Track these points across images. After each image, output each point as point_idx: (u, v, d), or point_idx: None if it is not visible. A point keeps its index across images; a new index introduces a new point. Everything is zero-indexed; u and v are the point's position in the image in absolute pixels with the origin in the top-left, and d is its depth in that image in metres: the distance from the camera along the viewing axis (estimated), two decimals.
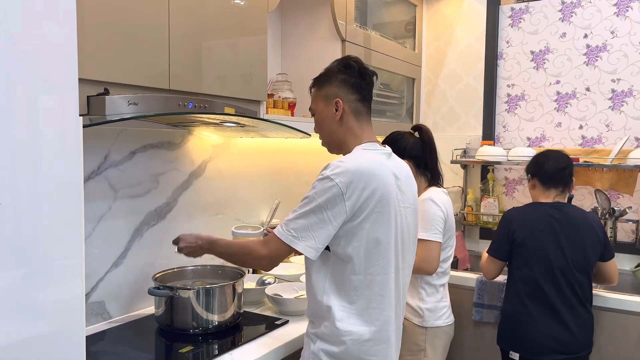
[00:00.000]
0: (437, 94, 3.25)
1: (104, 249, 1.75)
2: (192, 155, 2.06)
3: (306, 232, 1.34)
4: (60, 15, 0.95)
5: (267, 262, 1.43)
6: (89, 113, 1.29)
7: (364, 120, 1.49)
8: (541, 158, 2.15)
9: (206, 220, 2.13)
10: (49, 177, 0.94)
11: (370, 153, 1.43)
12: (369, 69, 1.50)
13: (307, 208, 1.35)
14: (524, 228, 2.04)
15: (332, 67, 1.51)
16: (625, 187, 2.70)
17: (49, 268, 0.95)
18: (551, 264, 1.98)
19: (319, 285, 1.41)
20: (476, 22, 3.10)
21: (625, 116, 2.73)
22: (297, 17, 2.50)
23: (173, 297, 1.63)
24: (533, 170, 2.15)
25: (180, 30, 1.54)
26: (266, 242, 1.42)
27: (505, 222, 2.11)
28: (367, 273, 1.38)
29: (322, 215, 1.33)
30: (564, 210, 2.05)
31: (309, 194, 1.36)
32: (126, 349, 1.58)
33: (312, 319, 1.47)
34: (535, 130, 2.97)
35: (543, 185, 2.11)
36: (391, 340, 1.44)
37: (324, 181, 1.34)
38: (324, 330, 1.40)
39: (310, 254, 1.35)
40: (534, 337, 1.99)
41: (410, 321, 1.97)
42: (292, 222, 1.36)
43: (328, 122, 1.49)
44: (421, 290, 1.97)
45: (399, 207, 1.43)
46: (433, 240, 1.91)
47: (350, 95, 1.46)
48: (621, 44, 2.71)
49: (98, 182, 1.72)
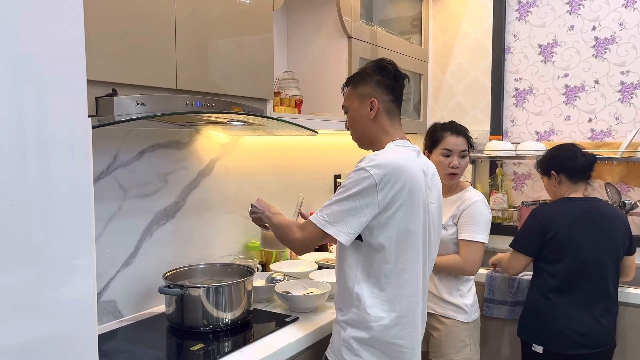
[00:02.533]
0: (444, 89, 3.24)
1: (115, 248, 1.76)
2: (200, 154, 2.07)
3: (339, 217, 1.41)
4: (68, 17, 0.95)
5: (299, 245, 1.51)
6: (98, 114, 1.30)
7: (395, 119, 1.57)
8: (564, 153, 2.12)
9: (215, 219, 2.14)
10: (59, 178, 0.95)
11: (402, 149, 1.51)
12: (403, 72, 1.58)
13: (341, 196, 1.42)
14: (557, 223, 2.02)
15: (368, 68, 1.59)
16: (635, 180, 2.68)
17: (60, 268, 0.96)
18: (585, 258, 1.98)
19: (351, 273, 1.48)
20: (483, 16, 3.08)
21: (635, 108, 2.70)
22: (302, 14, 2.50)
23: (183, 295, 1.64)
24: (557, 167, 2.11)
25: (187, 30, 1.55)
26: (303, 226, 1.50)
27: (535, 217, 2.08)
28: (397, 262, 1.46)
29: (355, 203, 1.40)
30: (596, 205, 2.06)
31: (345, 183, 1.44)
32: (138, 348, 1.59)
33: (341, 307, 1.53)
34: (543, 124, 2.95)
35: (571, 180, 2.09)
36: (418, 325, 1.53)
37: (360, 172, 1.41)
38: (353, 317, 1.47)
39: (342, 239, 1.42)
40: (560, 330, 1.99)
41: (454, 319, 1.96)
42: (326, 209, 1.44)
43: (362, 120, 1.56)
44: (461, 287, 1.98)
45: (426, 201, 1.51)
46: (481, 242, 1.93)
47: (384, 96, 1.54)
48: (630, 36, 2.69)
49: (107, 183, 1.73)
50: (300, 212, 1.84)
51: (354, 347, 1.47)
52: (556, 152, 2.16)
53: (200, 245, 2.08)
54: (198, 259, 2.05)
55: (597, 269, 1.99)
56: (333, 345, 1.54)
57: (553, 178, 2.13)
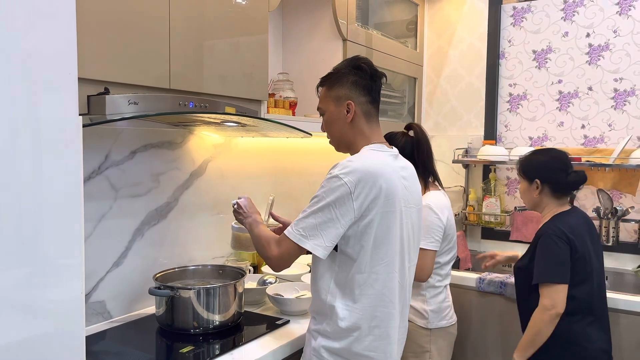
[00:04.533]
0: (438, 93, 3.25)
1: (105, 248, 1.75)
2: (192, 155, 2.06)
3: (315, 230, 1.35)
4: (60, 14, 0.95)
5: (275, 262, 1.44)
6: (89, 112, 1.29)
7: (373, 121, 1.51)
8: (555, 164, 1.94)
9: (207, 220, 2.13)
10: (49, 177, 0.94)
11: (377, 154, 1.45)
12: (379, 71, 1.51)
13: (315, 207, 1.36)
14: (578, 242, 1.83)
15: (342, 67, 1.50)
16: (627, 187, 2.69)
17: (49, 268, 0.95)
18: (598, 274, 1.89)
19: (324, 284, 1.44)
20: (478, 21, 3.09)
21: (628, 115, 2.72)
22: (298, 16, 2.50)
23: (174, 296, 1.63)
24: (543, 176, 1.94)
25: (181, 29, 1.54)
26: (279, 241, 1.43)
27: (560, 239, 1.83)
28: (371, 272, 1.40)
29: (330, 214, 1.34)
30: (586, 216, 1.97)
31: (317, 193, 1.38)
32: (127, 349, 1.58)
33: (315, 316, 1.49)
34: (537, 130, 2.96)
35: (554, 194, 1.94)
36: (392, 337, 1.46)
37: (333, 180, 1.35)
38: (326, 327, 1.43)
39: (319, 253, 1.36)
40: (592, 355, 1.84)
41: (415, 323, 1.95)
42: (301, 222, 1.38)
43: (339, 124, 1.50)
44: (424, 292, 1.97)
45: (404, 207, 1.45)
46: (429, 249, 1.90)
47: (361, 97, 1.48)
48: (624, 43, 2.70)
49: (99, 182, 1.72)
50: (271, 213, 1.79)
51: (324, 357, 1.42)
52: (546, 159, 1.98)
53: (191, 246, 2.06)
54: (189, 260, 2.04)
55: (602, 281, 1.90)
56: (305, 355, 1.50)
57: (535, 186, 1.96)
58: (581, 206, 2.81)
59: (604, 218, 2.64)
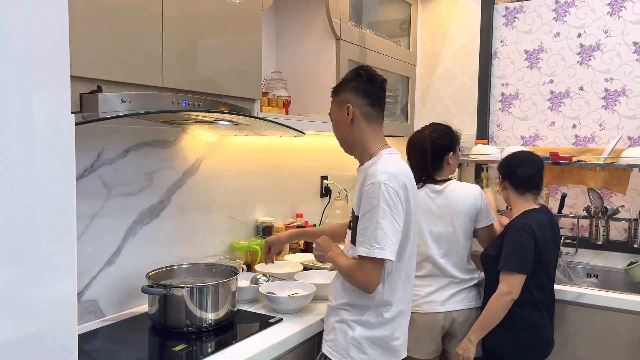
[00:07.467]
0: (431, 92, 3.26)
1: (98, 247, 1.74)
2: (186, 154, 2.05)
3: (386, 238, 1.47)
4: (52, 12, 0.94)
5: (364, 284, 1.52)
6: (82, 111, 1.29)
7: (375, 122, 1.62)
8: (512, 161, 2.10)
9: (200, 219, 2.13)
10: (40, 175, 0.94)
11: (397, 157, 1.61)
12: (378, 76, 1.63)
13: (378, 217, 1.47)
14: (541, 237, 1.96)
15: (347, 76, 1.66)
16: (618, 186, 2.72)
17: (41, 266, 0.95)
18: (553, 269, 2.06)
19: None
20: (471, 21, 3.10)
21: (618, 115, 2.74)
22: (291, 15, 2.50)
23: (167, 295, 1.62)
24: (503, 173, 2.10)
25: (174, 27, 1.54)
26: (359, 265, 1.51)
27: (527, 233, 1.94)
28: (400, 262, 1.57)
29: (391, 219, 1.48)
30: (551, 215, 2.10)
31: (373, 203, 1.48)
32: (119, 348, 1.57)
33: (348, 308, 1.59)
34: (529, 129, 2.98)
35: (515, 190, 2.06)
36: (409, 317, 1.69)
37: (381, 187, 1.48)
38: (368, 318, 1.57)
39: (393, 257, 1.49)
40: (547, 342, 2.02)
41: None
42: (372, 236, 1.47)
43: (341, 126, 1.64)
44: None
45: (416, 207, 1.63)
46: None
47: (360, 100, 1.59)
48: (614, 44, 2.73)
49: (91, 180, 1.71)
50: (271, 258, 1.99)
51: (364, 346, 1.56)
52: (509, 157, 2.13)
53: (184, 245, 2.06)
54: (182, 259, 2.03)
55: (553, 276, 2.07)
56: (337, 344, 1.58)
57: (500, 182, 2.13)
58: (572, 205, 2.84)
59: (595, 217, 2.67)
